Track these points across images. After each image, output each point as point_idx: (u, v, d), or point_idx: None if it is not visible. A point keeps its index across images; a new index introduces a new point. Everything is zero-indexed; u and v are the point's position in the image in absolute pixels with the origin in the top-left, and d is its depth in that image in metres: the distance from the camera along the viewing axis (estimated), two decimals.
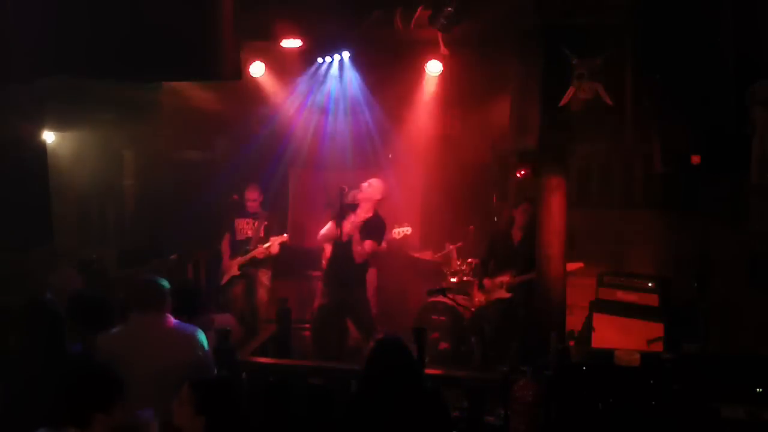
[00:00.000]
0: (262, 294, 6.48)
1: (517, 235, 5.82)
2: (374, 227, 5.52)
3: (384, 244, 5.81)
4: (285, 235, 6.36)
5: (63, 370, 3.05)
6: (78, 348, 3.34)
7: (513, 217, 5.89)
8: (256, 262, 6.38)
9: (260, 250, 6.28)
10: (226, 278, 6.39)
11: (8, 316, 3.36)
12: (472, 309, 5.90)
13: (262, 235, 6.40)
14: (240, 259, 6.34)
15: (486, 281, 5.89)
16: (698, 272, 4.46)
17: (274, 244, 6.27)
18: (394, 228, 6.18)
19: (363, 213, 5.53)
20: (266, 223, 6.43)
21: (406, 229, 6.22)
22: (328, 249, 5.75)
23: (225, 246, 6.50)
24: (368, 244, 5.45)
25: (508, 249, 5.86)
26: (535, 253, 5.57)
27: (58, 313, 3.25)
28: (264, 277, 6.49)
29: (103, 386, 2.56)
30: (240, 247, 6.40)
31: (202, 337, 3.40)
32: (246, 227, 6.44)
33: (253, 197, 6.40)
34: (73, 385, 2.56)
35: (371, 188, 5.56)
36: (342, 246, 5.46)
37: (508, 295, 5.76)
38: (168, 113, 6.66)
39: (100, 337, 3.33)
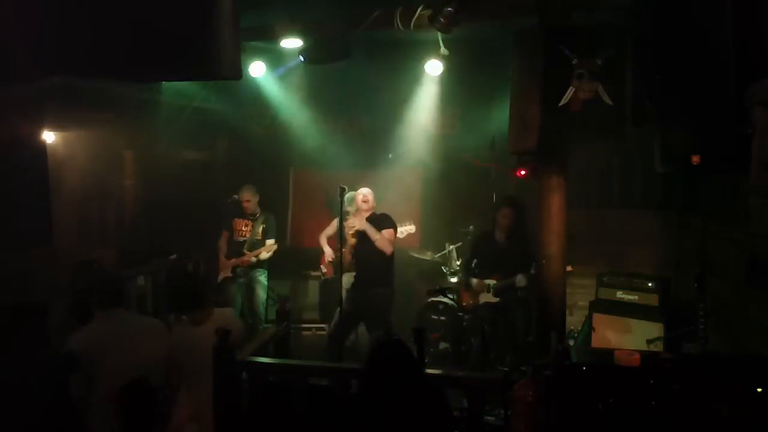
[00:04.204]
0: (260, 293, 6.50)
1: (500, 236, 5.75)
2: (382, 219, 5.55)
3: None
4: (274, 243, 6.41)
5: (47, 371, 3.09)
6: None
7: (494, 219, 5.78)
8: (251, 264, 6.40)
9: (246, 259, 6.32)
10: (220, 277, 6.41)
11: None
12: (464, 311, 5.88)
13: (259, 237, 6.41)
14: (234, 261, 6.37)
15: (474, 280, 5.81)
16: (698, 272, 4.46)
17: (263, 252, 6.36)
18: (397, 227, 6.18)
19: (364, 214, 5.56)
20: (263, 225, 6.43)
21: (410, 228, 6.22)
22: (346, 254, 5.66)
23: (222, 243, 6.53)
24: (387, 233, 5.47)
25: (492, 251, 5.76)
26: (520, 255, 5.55)
27: (41, 314, 3.28)
28: (262, 276, 6.51)
29: None
30: (236, 247, 6.42)
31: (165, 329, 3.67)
32: (243, 229, 6.46)
33: (246, 198, 6.40)
34: None
35: (367, 204, 5.59)
36: (364, 246, 5.45)
37: (495, 299, 5.68)
38: (168, 113, 6.66)
39: (72, 337, 3.40)
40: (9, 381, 3.01)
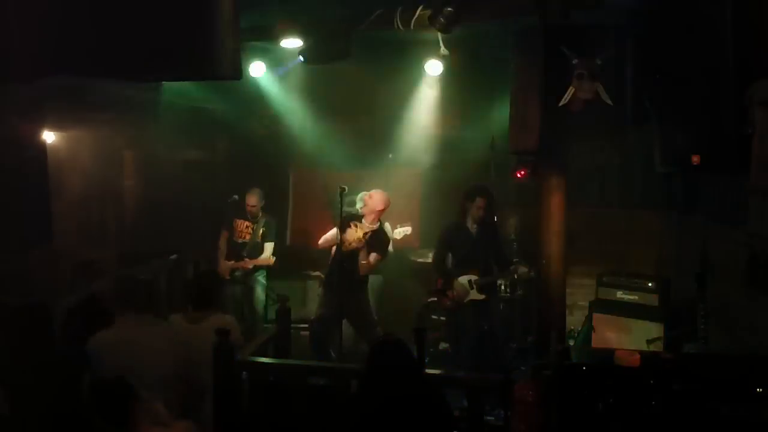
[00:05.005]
0: (260, 293, 6.50)
1: (472, 227, 5.57)
2: (379, 240, 5.56)
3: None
4: (271, 258, 6.39)
5: (57, 370, 3.09)
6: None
7: (466, 209, 5.57)
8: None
9: (244, 264, 6.32)
10: None
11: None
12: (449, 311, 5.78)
13: (258, 240, 6.39)
14: (233, 264, 6.36)
15: (461, 278, 5.54)
16: (698, 272, 4.46)
17: (260, 260, 6.36)
18: (395, 228, 6.17)
19: (368, 224, 5.54)
20: (264, 229, 6.42)
21: (407, 229, 6.20)
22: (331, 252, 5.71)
23: (222, 243, 6.51)
24: (374, 257, 5.51)
25: (466, 243, 5.58)
26: (494, 245, 5.51)
27: (48, 316, 3.27)
28: (261, 276, 6.51)
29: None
30: (236, 248, 6.41)
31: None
32: (244, 230, 6.45)
33: (252, 203, 6.39)
34: None
35: (373, 200, 5.58)
36: (345, 255, 5.45)
37: (481, 297, 5.50)
38: (168, 113, 6.66)
39: (91, 339, 3.38)
40: (20, 380, 3.01)
